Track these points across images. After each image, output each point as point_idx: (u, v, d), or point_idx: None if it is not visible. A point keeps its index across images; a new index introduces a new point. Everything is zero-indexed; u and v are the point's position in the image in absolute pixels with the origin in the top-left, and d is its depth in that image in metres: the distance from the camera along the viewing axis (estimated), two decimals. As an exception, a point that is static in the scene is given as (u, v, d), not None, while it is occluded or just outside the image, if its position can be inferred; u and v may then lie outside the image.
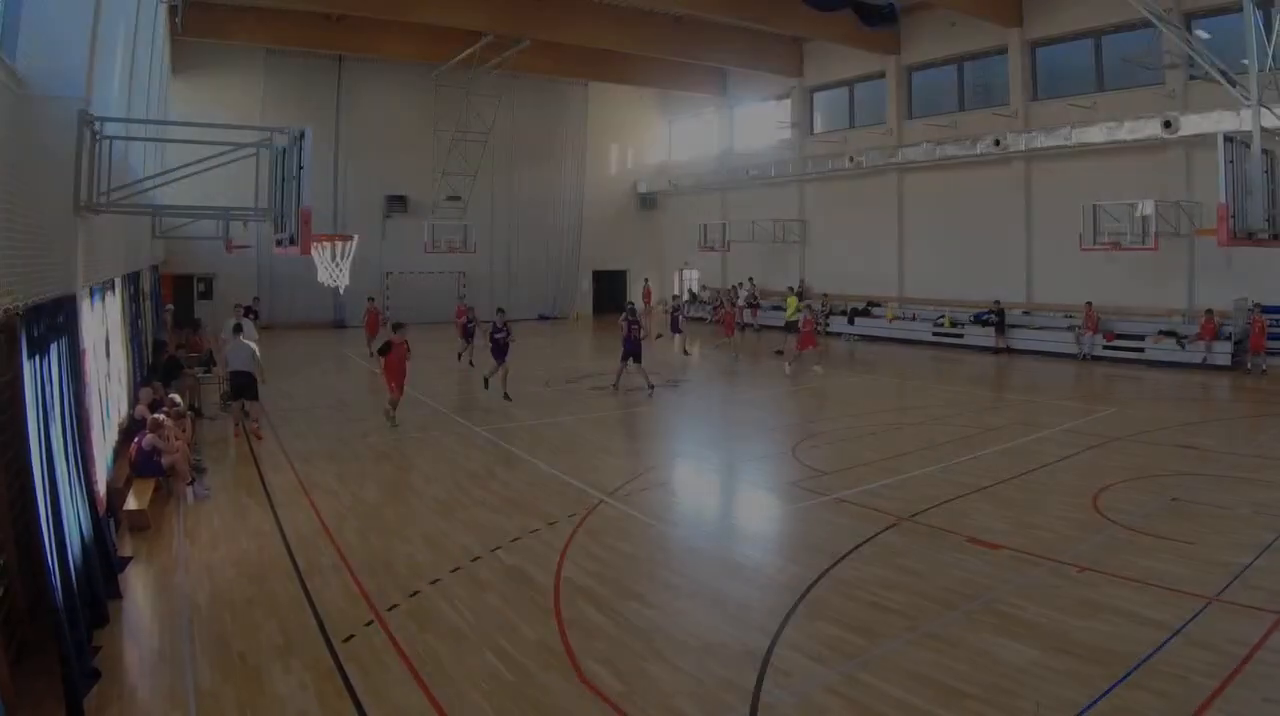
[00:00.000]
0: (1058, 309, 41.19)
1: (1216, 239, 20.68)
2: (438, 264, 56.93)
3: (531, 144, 62.66)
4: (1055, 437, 22.63)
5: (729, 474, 20.25)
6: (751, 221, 56.85)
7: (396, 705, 9.44)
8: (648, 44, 49.67)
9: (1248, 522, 15.22)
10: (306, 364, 38.90)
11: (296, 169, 15.86)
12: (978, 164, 44.55)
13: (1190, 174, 36.10)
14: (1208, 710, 8.91)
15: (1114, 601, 11.79)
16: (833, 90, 55.22)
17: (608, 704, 9.43)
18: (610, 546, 14.66)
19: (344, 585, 12.87)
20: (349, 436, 23.72)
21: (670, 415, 27.86)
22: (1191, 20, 35.21)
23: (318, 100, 54.01)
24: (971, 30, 43.96)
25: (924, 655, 10.40)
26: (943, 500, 16.88)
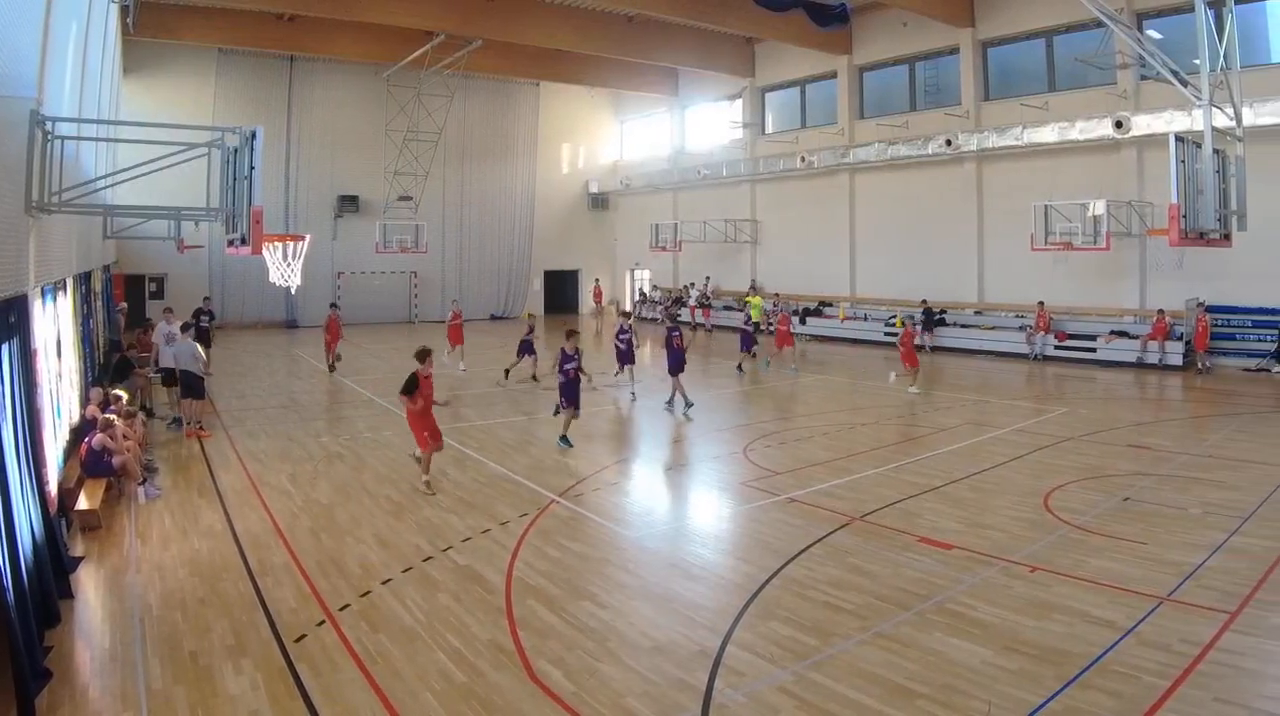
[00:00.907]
0: (1010, 309, 41.35)
1: (1168, 239, 20.79)
2: (389, 264, 57.30)
3: (483, 144, 62.72)
4: (1007, 438, 22.67)
5: (681, 474, 20.19)
6: (703, 221, 57.08)
7: (348, 704, 9.44)
8: (600, 44, 49.66)
9: (1199, 522, 15.27)
10: (259, 363, 38.86)
11: (248, 169, 15.80)
12: (929, 164, 44.82)
13: (1142, 174, 36.38)
14: (1160, 710, 8.95)
15: (1066, 601, 11.82)
16: (784, 90, 55.40)
17: (559, 704, 9.44)
18: (562, 546, 14.65)
19: (296, 585, 12.85)
20: (301, 436, 23.66)
21: (622, 415, 27.83)
22: (1143, 20, 35.48)
23: (269, 100, 54.10)
24: (923, 30, 44.15)
25: (876, 654, 10.44)
26: (894, 500, 16.91)
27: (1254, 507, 15.97)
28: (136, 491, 17.46)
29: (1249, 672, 9.75)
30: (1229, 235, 21.53)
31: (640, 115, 67.40)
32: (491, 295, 63.76)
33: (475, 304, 61.61)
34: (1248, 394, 29.39)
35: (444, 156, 58.36)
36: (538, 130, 65.22)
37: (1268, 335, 33.04)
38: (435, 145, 55.78)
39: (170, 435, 23.73)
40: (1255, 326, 33.65)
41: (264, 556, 14.09)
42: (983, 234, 43.21)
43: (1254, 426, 24.41)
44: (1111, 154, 37.46)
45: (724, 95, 58.91)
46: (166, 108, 46.60)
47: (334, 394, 28.89)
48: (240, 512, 16.65)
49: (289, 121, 55.27)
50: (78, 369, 22.37)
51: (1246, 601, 11.58)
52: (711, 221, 56.71)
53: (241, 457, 21.16)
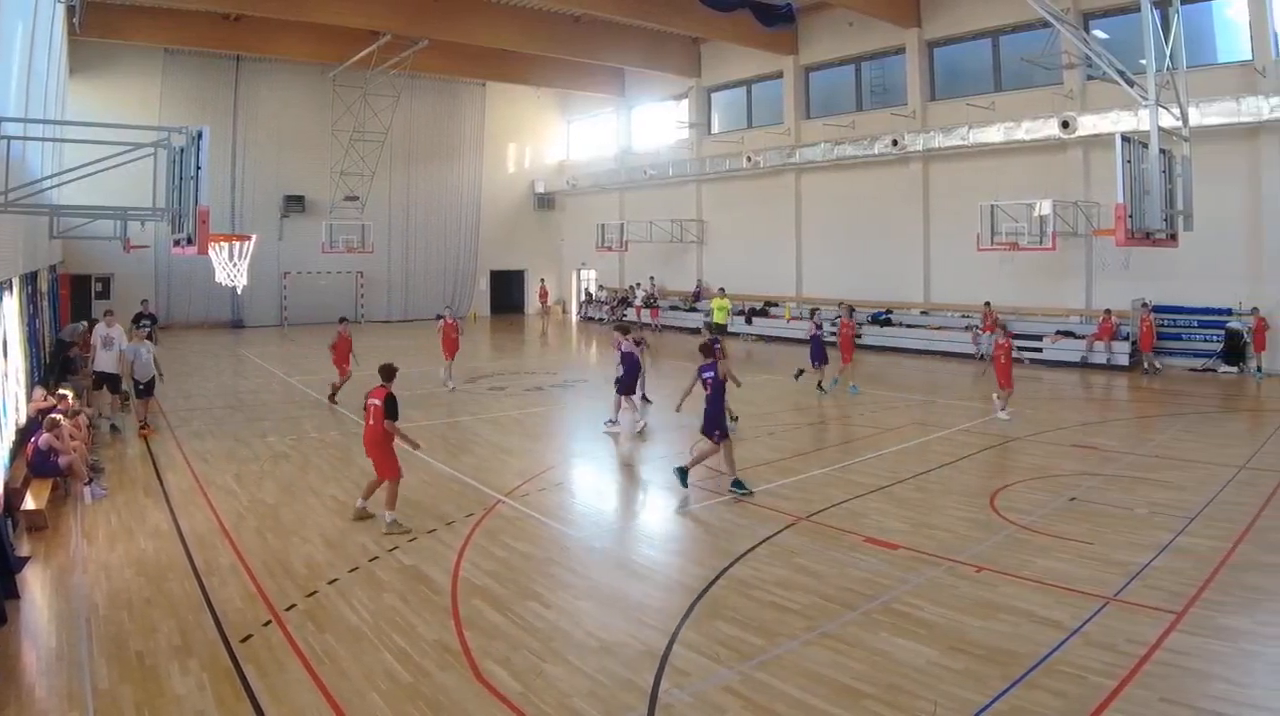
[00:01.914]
0: (956, 309, 41.49)
1: (1114, 239, 20.86)
2: (335, 264, 57.10)
3: (429, 144, 62.72)
4: (953, 438, 22.70)
5: (627, 474, 20.19)
6: (649, 221, 57.11)
7: (294, 705, 9.38)
8: (546, 44, 49.70)
9: (1145, 522, 15.32)
10: (205, 364, 38.71)
11: (194, 169, 15.77)
12: (875, 164, 44.95)
13: (1088, 174, 36.62)
14: (1106, 710, 8.96)
15: (1012, 601, 11.83)
16: (731, 90, 55.52)
17: (506, 704, 9.40)
18: (508, 546, 14.60)
19: (242, 585, 12.76)
20: (247, 436, 23.53)
21: (568, 415, 27.92)
22: (1089, 20, 35.72)
23: (215, 100, 53.86)
24: (869, 31, 44.28)
25: (822, 654, 10.43)
26: (841, 500, 16.90)
27: (1200, 507, 16.02)
28: (83, 491, 17.32)
29: (1195, 672, 9.74)
30: (1175, 235, 21.60)
31: (587, 115, 67.48)
32: (437, 295, 63.03)
33: (421, 304, 62.13)
34: (1194, 394, 29.54)
35: (390, 156, 58.39)
36: (484, 130, 65.25)
37: (1214, 335, 33.22)
38: (381, 145, 55.82)
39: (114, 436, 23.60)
40: (1201, 326, 33.84)
41: (210, 556, 13.98)
42: (929, 234, 43.42)
43: (1200, 426, 24.54)
44: (1058, 154, 37.69)
45: (670, 95, 59.08)
46: (113, 108, 46.16)
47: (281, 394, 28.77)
48: (186, 512, 16.54)
49: (235, 121, 55.01)
50: (24, 369, 22.18)
51: (1193, 601, 11.59)
52: (658, 221, 56.77)
53: (188, 458, 21.03)
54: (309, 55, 51.05)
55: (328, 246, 53.53)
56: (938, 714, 9.01)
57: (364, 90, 52.85)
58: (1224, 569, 12.80)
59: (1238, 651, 10.28)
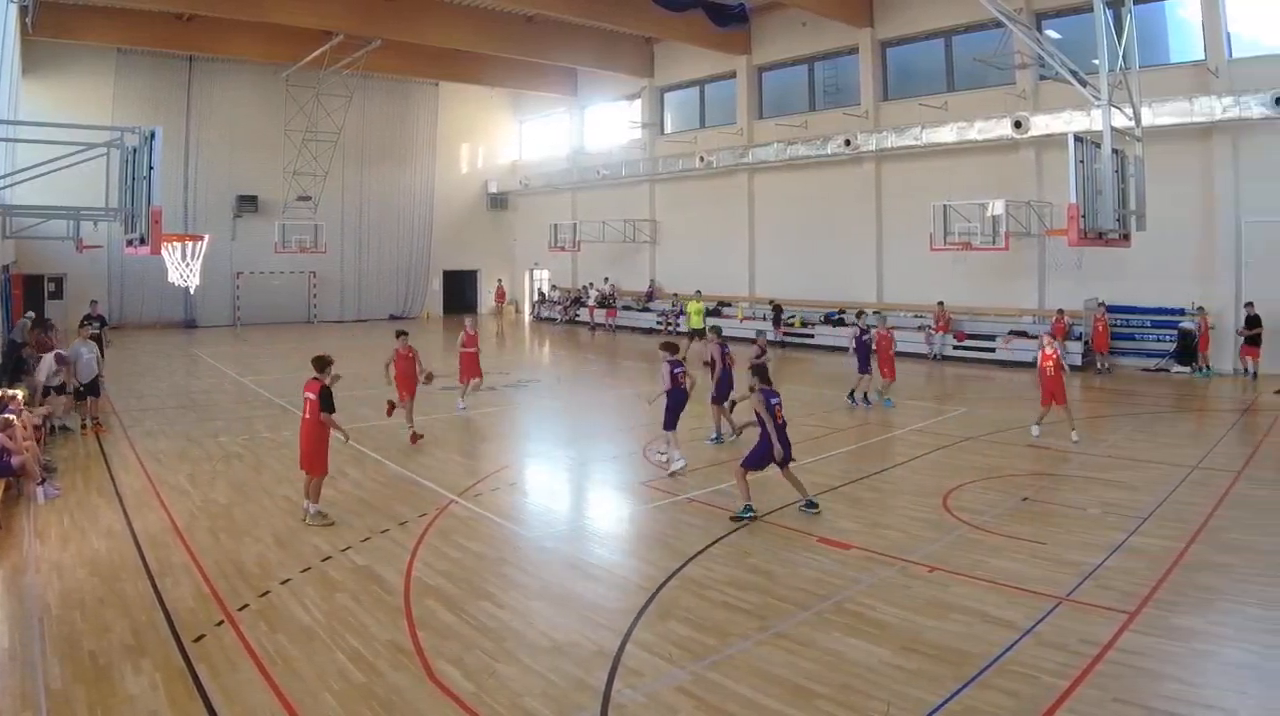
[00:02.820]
0: (909, 309, 41.54)
1: (1067, 239, 20.85)
2: (288, 264, 57.00)
3: (382, 144, 62.74)
4: (906, 438, 22.72)
5: (580, 474, 20.13)
6: (602, 221, 57.16)
7: (247, 705, 9.34)
8: (499, 44, 49.74)
9: (1098, 522, 15.36)
10: (157, 364, 38.56)
11: (147, 169, 15.78)
12: (829, 164, 45.05)
13: (1041, 174, 36.76)
14: (1059, 710, 9.00)
15: (964, 601, 11.86)
16: (683, 90, 55.68)
17: (458, 704, 9.40)
18: (461, 546, 14.59)
19: (195, 585, 12.70)
20: (200, 436, 23.41)
21: (522, 416, 27.92)
22: (1042, 20, 35.86)
23: (169, 100, 53.69)
24: (822, 30, 44.35)
25: (774, 654, 10.44)
26: (793, 500, 16.72)
27: (1153, 507, 16.07)
28: (35, 491, 17.21)
29: (1147, 672, 9.77)
30: (1128, 235, 21.62)
31: (539, 115, 67.54)
32: (391, 295, 63.77)
33: (374, 304, 62.54)
34: (1147, 394, 29.65)
35: (343, 156, 58.27)
36: (437, 130, 65.30)
37: (1166, 335, 33.34)
38: (334, 145, 55.66)
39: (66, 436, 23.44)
40: (1154, 326, 33.96)
41: (163, 556, 13.91)
42: (882, 234, 43.54)
43: (1153, 426, 24.62)
44: (1010, 154, 37.84)
45: (623, 95, 59.14)
46: (66, 107, 45.98)
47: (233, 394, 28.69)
48: (139, 512, 16.44)
49: (188, 121, 54.89)
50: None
51: (1145, 602, 11.62)
52: (610, 221, 56.83)
53: (140, 458, 20.93)
54: (262, 55, 50.92)
55: (281, 246, 53.44)
56: (891, 713, 9.02)
57: (317, 90, 52.70)
58: (1177, 569, 12.84)
59: (1190, 651, 10.31)
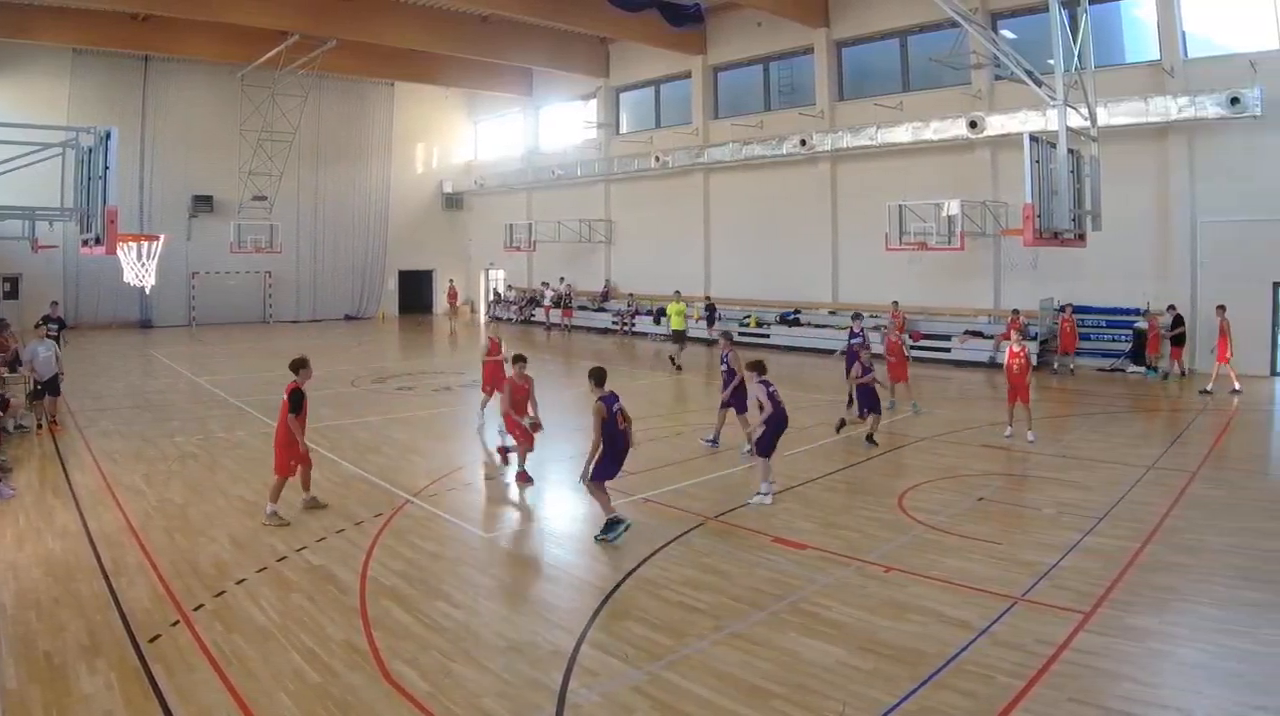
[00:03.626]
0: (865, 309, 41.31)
1: (1022, 239, 20.92)
2: (244, 264, 56.85)
3: (337, 144, 62.67)
4: (861, 438, 22.65)
5: (535, 474, 19.66)
6: (558, 221, 57.04)
7: (202, 704, 9.33)
8: (454, 44, 49.76)
9: (1053, 522, 15.45)
10: (113, 364, 38.50)
11: (103, 169, 15.79)
12: (784, 164, 45.08)
13: (996, 174, 36.87)
14: (1014, 710, 9.06)
15: (920, 601, 11.91)
16: (639, 90, 55.70)
17: (414, 704, 9.42)
18: (417, 546, 14.60)
19: (150, 585, 12.67)
20: (155, 436, 23.33)
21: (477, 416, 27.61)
22: (997, 20, 35.93)
23: (124, 100, 53.47)
24: (778, 30, 44.46)
25: (730, 654, 10.47)
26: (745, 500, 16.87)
27: (1108, 508, 16.15)
28: (-11, 491, 17.07)
29: (1103, 672, 9.80)
30: (1083, 235, 21.73)
31: (495, 115, 67.54)
32: (346, 295, 63.83)
33: (330, 304, 62.63)
34: (1102, 394, 29.81)
35: (298, 156, 57.98)
36: (392, 130, 65.26)
37: (1122, 335, 33.42)
38: (290, 145, 55.42)
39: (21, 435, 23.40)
40: (1109, 326, 34.06)
41: (118, 556, 13.88)
42: (837, 234, 43.61)
43: (1108, 426, 24.69)
44: (966, 154, 37.98)
45: (578, 95, 59.05)
46: (21, 107, 46.08)
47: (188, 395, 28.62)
48: (94, 512, 16.38)
49: (144, 121, 54.71)
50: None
51: (1101, 601, 11.68)
52: (566, 221, 56.76)
53: (96, 457, 20.86)
54: (217, 55, 50.72)
55: (236, 246, 53.20)
56: (846, 713, 9.04)
57: (272, 90, 52.51)
58: (1132, 569, 12.91)
59: (1146, 651, 10.37)
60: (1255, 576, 12.51)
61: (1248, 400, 27.64)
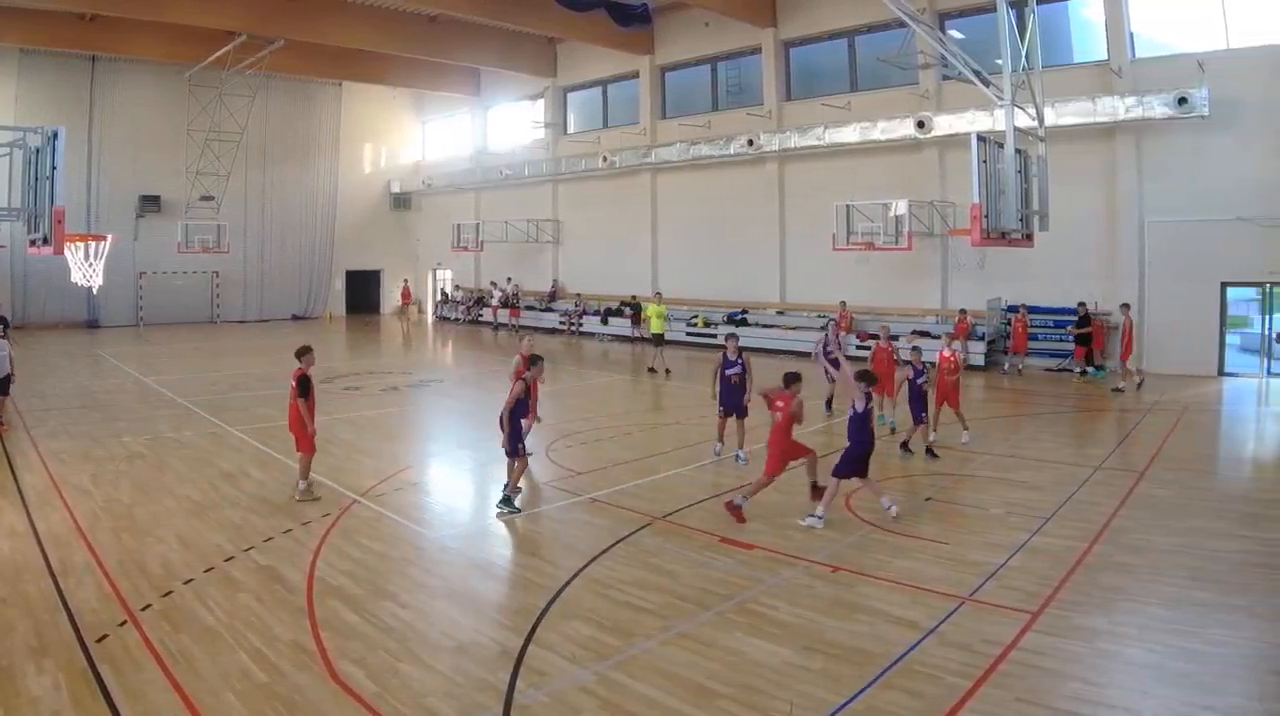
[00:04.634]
0: (812, 309, 41.67)
1: (970, 239, 20.94)
2: (191, 264, 56.64)
3: (285, 144, 62.47)
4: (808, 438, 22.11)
5: (482, 474, 19.90)
6: (505, 221, 56.96)
7: (150, 704, 9.26)
8: (402, 44, 49.68)
9: (1001, 522, 15.49)
10: (60, 364, 38.19)
11: (50, 169, 15.78)
12: (732, 164, 45.16)
13: (944, 174, 37.06)
14: (962, 710, 9.05)
15: (868, 601, 11.92)
16: (587, 90, 55.72)
17: (361, 704, 9.37)
18: (364, 546, 14.52)
19: (98, 585, 12.56)
20: (103, 436, 23.13)
21: (425, 416, 27.93)
22: (945, 20, 36.13)
23: (71, 100, 53.13)
24: (725, 30, 44.49)
25: (677, 654, 10.45)
26: (697, 500, 16.96)
27: (1056, 507, 16.20)
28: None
29: (1051, 672, 9.83)
30: (1031, 235, 21.77)
31: (443, 115, 67.52)
32: (293, 295, 63.72)
33: (277, 304, 62.41)
34: (1049, 394, 29.92)
35: (246, 156, 57.82)
36: (340, 130, 65.19)
37: (1070, 336, 33.48)
38: (237, 145, 55.25)
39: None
40: (1057, 326, 34.15)
41: (65, 556, 13.74)
42: (785, 234, 43.73)
43: (1055, 426, 24.85)
44: (913, 154, 38.11)
45: (526, 95, 59.11)
46: (-33, 108, 45.54)
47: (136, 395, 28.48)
48: (42, 513, 16.23)
49: (91, 122, 54.39)
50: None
51: (1048, 602, 11.70)
52: (514, 221, 56.72)
53: (43, 457, 20.68)
54: (165, 55, 50.46)
55: (184, 246, 52.87)
56: (794, 714, 9.03)
57: (220, 90, 52.28)
58: (1080, 569, 12.94)
59: (1093, 651, 10.35)
60: (1203, 576, 12.55)
61: (1196, 400, 27.83)
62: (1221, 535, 14.55)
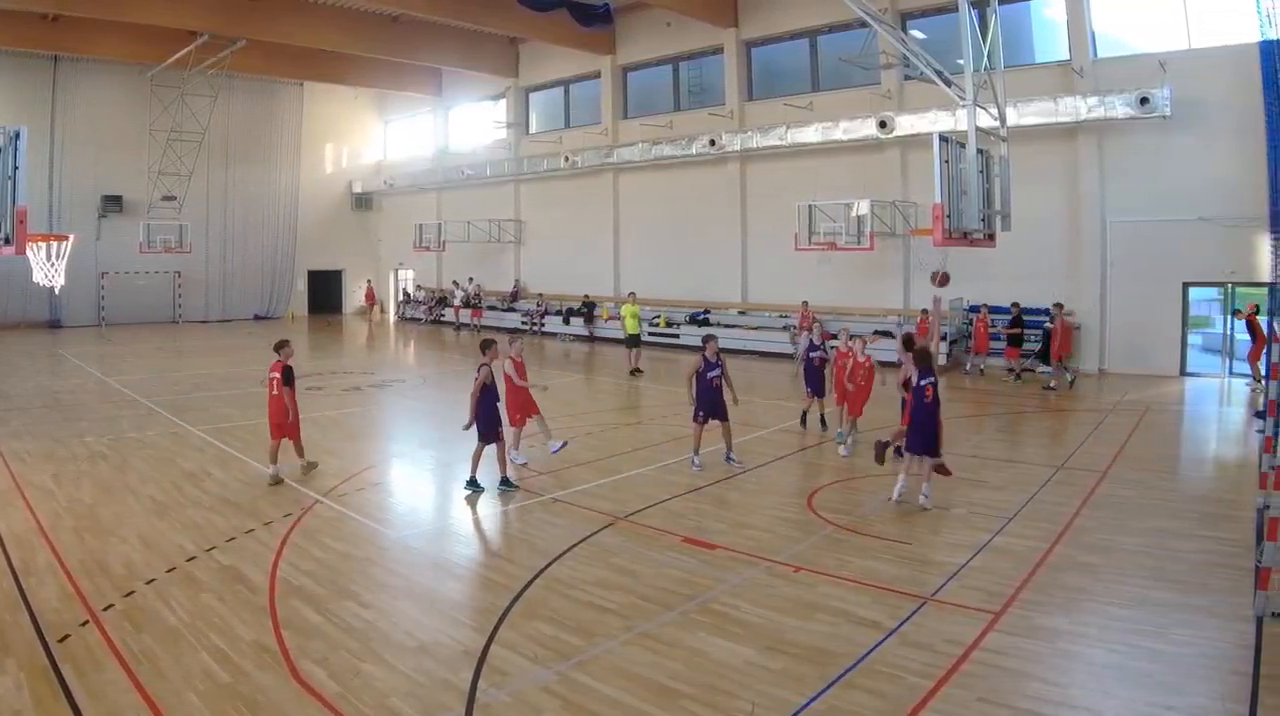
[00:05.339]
0: (774, 309, 41.75)
1: (932, 239, 20.95)
2: (153, 264, 56.34)
3: (247, 144, 62.23)
4: (771, 437, 22.66)
5: (445, 474, 19.91)
6: (467, 221, 56.91)
7: (112, 705, 9.19)
8: (364, 44, 49.57)
9: (963, 522, 15.54)
10: (22, 364, 38.08)
11: (12, 169, 15.61)
12: (694, 164, 45.19)
13: (906, 174, 37.13)
14: (923, 709, 9.05)
15: (829, 601, 11.88)
16: (549, 90, 55.64)
17: (323, 704, 9.32)
18: (326, 546, 14.46)
19: (60, 585, 12.47)
20: (65, 436, 22.99)
21: (387, 416, 27.89)
22: (907, 20, 36.19)
23: (33, 100, 52.97)
24: (687, 31, 44.44)
25: (640, 654, 10.44)
26: (659, 500, 16.93)
27: (1018, 507, 16.22)
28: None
29: (1012, 672, 9.83)
30: (993, 235, 21.78)
31: (404, 115, 67.42)
32: (255, 295, 63.58)
33: (239, 304, 62.37)
34: (1012, 394, 30.01)
35: (208, 156, 57.70)
36: (302, 130, 65.03)
37: (1031, 335, 33.40)
38: (199, 145, 55.13)
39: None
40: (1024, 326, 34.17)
41: (27, 556, 13.65)
42: (746, 234, 43.76)
43: (1017, 426, 24.95)
44: (876, 154, 38.16)
45: (488, 95, 59.09)
46: (-70, 109, 45.34)
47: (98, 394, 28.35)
48: (3, 513, 16.15)
49: (53, 121, 54.22)
50: None
51: (1010, 601, 11.71)
52: (476, 221, 56.69)
53: (4, 457, 20.54)
54: (127, 55, 50.15)
55: (146, 246, 52.54)
56: (755, 713, 9.02)
57: (182, 90, 52.01)
58: (1042, 569, 12.95)
59: (1055, 651, 10.38)
60: (1164, 576, 12.58)
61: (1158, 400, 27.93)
62: (1183, 535, 14.58)
